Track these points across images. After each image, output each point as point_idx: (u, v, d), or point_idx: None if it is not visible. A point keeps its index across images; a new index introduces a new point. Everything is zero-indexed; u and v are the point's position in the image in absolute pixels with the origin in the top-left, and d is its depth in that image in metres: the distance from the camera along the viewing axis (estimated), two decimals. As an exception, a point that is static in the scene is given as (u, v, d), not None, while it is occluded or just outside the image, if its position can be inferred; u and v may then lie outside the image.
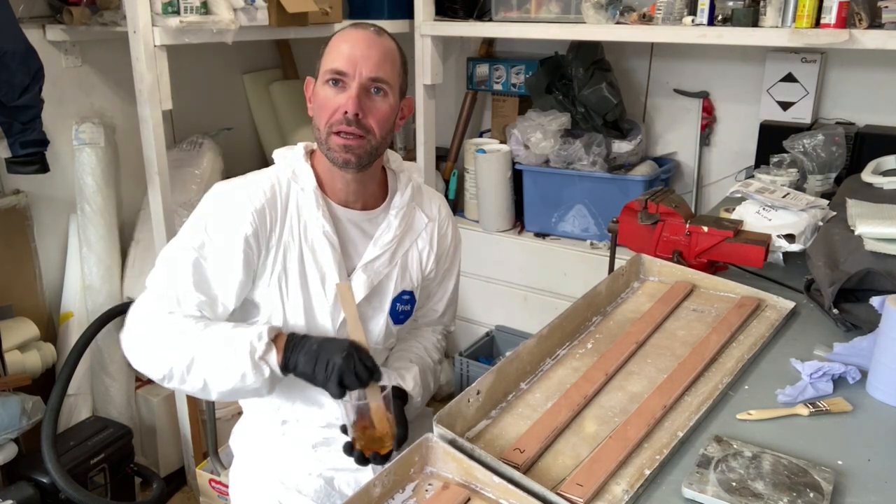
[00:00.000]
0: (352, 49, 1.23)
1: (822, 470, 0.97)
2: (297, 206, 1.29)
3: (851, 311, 1.37)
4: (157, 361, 1.22)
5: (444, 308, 1.54)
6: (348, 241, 1.33)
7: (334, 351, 1.17)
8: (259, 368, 1.18)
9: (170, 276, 1.25)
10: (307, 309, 1.30)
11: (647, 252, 1.61)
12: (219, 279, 1.24)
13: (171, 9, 2.01)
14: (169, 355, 1.21)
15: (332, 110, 1.24)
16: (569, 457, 1.03)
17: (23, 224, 2.32)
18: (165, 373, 1.21)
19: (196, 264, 1.24)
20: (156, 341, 1.22)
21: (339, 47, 1.25)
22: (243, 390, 1.21)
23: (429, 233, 1.42)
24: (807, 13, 2.00)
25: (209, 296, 1.25)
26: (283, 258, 1.28)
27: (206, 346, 1.20)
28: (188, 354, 1.20)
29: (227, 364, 1.19)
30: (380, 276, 1.35)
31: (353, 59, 1.23)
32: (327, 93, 1.24)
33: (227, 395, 1.23)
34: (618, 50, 2.82)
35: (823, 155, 2.12)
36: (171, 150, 2.58)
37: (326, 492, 1.40)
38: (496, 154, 2.86)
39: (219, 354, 1.19)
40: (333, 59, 1.24)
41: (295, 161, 1.33)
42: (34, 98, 1.94)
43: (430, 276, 1.45)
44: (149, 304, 1.25)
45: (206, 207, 1.28)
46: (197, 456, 2.52)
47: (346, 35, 1.26)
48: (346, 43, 1.25)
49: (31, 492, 2.08)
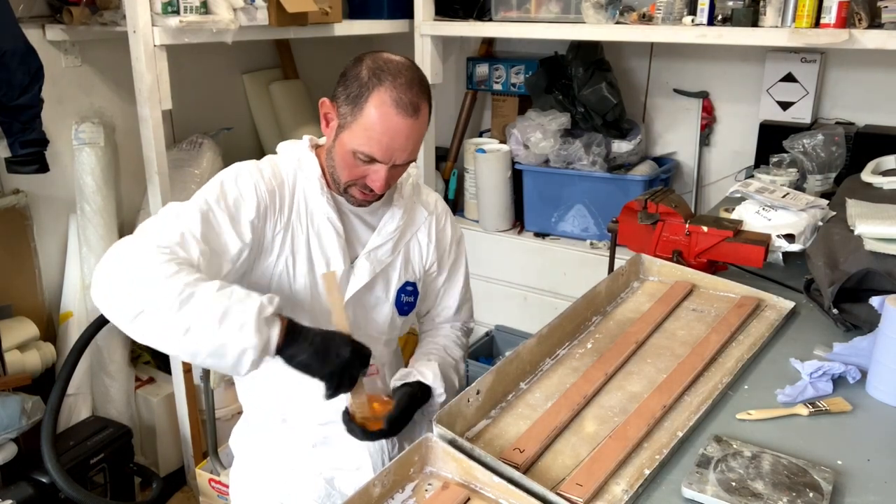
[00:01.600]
0: (390, 140, 1.20)
1: (821, 470, 0.97)
2: (303, 193, 1.31)
3: (851, 310, 1.37)
4: (137, 294, 1.06)
5: (457, 305, 1.53)
6: (351, 230, 1.35)
7: (340, 345, 1.14)
8: (260, 329, 1.06)
9: (176, 219, 1.16)
10: (313, 292, 1.32)
11: (646, 252, 1.61)
12: (226, 235, 1.20)
13: (170, 8, 2.01)
14: (156, 290, 1.05)
15: (358, 176, 1.25)
16: (568, 456, 1.03)
17: (22, 224, 2.32)
18: (145, 307, 1.05)
19: (205, 216, 1.17)
20: (143, 273, 1.07)
21: (377, 130, 1.19)
22: (229, 348, 1.06)
23: (428, 226, 1.44)
24: (806, 13, 2.00)
25: (211, 248, 1.16)
26: (292, 241, 1.29)
27: (207, 291, 1.07)
28: (182, 293, 1.05)
29: (228, 314, 1.06)
30: (382, 264, 1.37)
31: (389, 151, 1.21)
32: (356, 160, 1.23)
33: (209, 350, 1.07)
34: (617, 50, 2.82)
35: (823, 155, 2.12)
36: (171, 150, 2.57)
37: (326, 491, 1.41)
38: (496, 154, 2.86)
39: (220, 302, 1.07)
40: (369, 142, 1.20)
41: (300, 152, 1.35)
42: (34, 98, 1.94)
43: (432, 270, 1.47)
44: (141, 240, 1.12)
45: (223, 173, 1.26)
46: (197, 456, 2.52)
47: (387, 117, 1.19)
48: (386, 131, 1.19)
49: (31, 491, 2.08)
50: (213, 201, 1.20)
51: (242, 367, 1.08)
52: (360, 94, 1.20)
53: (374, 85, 1.19)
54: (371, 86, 1.19)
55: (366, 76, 1.20)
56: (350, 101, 1.21)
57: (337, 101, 1.24)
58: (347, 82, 1.22)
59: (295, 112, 3.06)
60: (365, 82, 1.20)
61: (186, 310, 1.05)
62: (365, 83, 1.20)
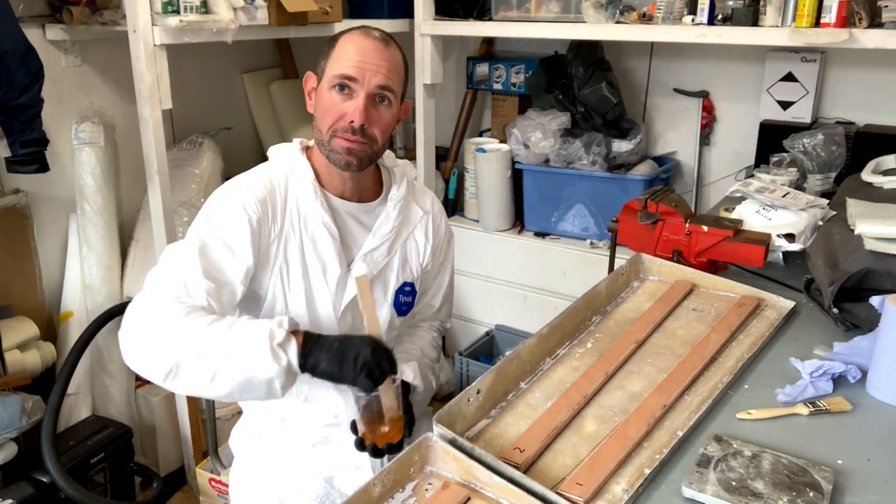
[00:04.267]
0: (362, 57, 1.24)
1: (821, 469, 0.97)
2: (296, 198, 1.31)
3: (851, 310, 1.37)
4: (161, 355, 1.11)
5: (440, 303, 1.55)
6: (347, 233, 1.35)
7: (360, 346, 1.14)
8: (277, 356, 1.10)
9: (176, 267, 1.19)
10: (308, 299, 1.31)
11: (646, 251, 1.61)
12: (226, 263, 1.21)
13: (170, 8, 2.01)
14: (176, 346, 1.10)
15: (338, 116, 1.26)
16: (569, 456, 1.03)
17: (23, 223, 2.32)
18: (172, 366, 1.10)
19: (202, 252, 1.20)
20: (161, 333, 1.12)
21: (348, 53, 1.25)
22: (256, 382, 1.11)
23: (424, 225, 1.45)
24: (807, 12, 2.00)
25: (216, 281, 1.19)
26: (285, 249, 1.29)
27: (220, 334, 1.11)
28: (198, 343, 1.10)
29: (243, 351, 1.10)
30: (379, 266, 1.37)
31: (362, 68, 1.24)
32: (333, 98, 1.25)
33: (238, 388, 1.12)
34: (618, 49, 2.82)
35: (823, 154, 2.12)
36: (171, 150, 2.58)
37: (326, 491, 1.41)
38: (496, 153, 2.85)
39: (234, 341, 1.11)
40: (343, 64, 1.24)
41: (292, 155, 1.35)
42: (34, 97, 1.94)
43: (427, 269, 1.47)
44: (150, 298, 1.17)
45: (208, 205, 1.28)
46: (197, 455, 2.52)
47: (356, 41, 1.26)
48: (357, 50, 1.24)
49: (31, 491, 2.08)
50: (206, 236, 1.22)
51: (278, 393, 1.13)
52: (333, 42, 1.29)
53: (344, 33, 1.29)
54: (342, 34, 1.29)
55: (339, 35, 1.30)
56: (325, 54, 1.29)
57: (316, 71, 1.31)
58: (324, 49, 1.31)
59: (295, 112, 3.06)
60: (337, 35, 1.30)
61: (206, 359, 1.10)
62: (337, 36, 1.30)
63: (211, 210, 1.26)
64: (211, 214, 1.25)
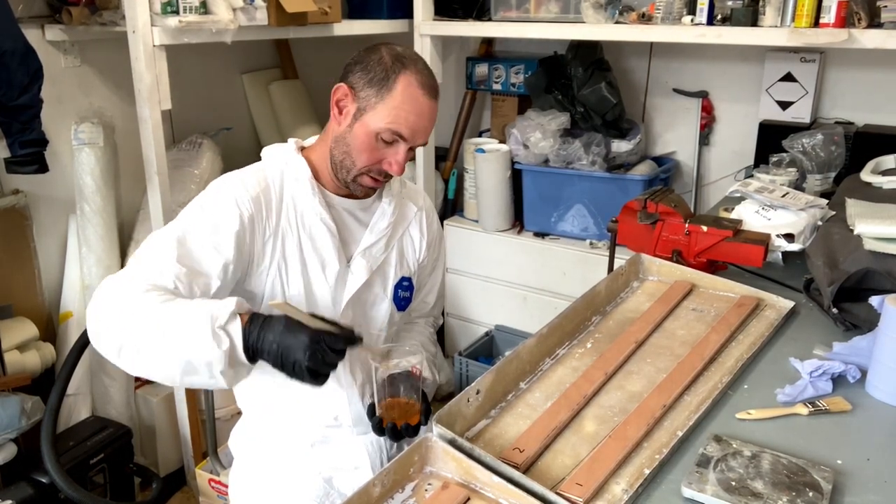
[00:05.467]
0: (417, 119, 1.25)
1: (821, 469, 0.97)
2: (292, 195, 1.31)
3: (851, 310, 1.37)
4: (112, 332, 1.09)
5: (434, 300, 1.59)
6: (344, 229, 1.36)
7: (296, 349, 1.06)
8: (218, 338, 1.05)
9: (151, 250, 1.18)
10: (308, 295, 1.32)
11: (646, 251, 1.61)
12: (204, 253, 1.19)
13: (170, 9, 2.01)
14: (126, 323, 1.08)
15: (377, 160, 1.27)
16: (568, 456, 1.03)
17: (22, 224, 2.32)
18: (122, 343, 1.08)
19: (182, 239, 1.18)
20: (116, 310, 1.10)
21: (406, 111, 1.23)
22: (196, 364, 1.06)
23: (418, 221, 1.47)
24: (806, 12, 2.00)
25: (190, 269, 1.16)
26: (282, 246, 1.29)
27: (167, 313, 1.07)
28: (146, 321, 1.06)
29: (185, 331, 1.05)
30: (377, 261, 1.38)
31: (415, 130, 1.25)
32: (378, 143, 1.26)
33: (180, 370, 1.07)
34: (617, 49, 2.82)
35: (822, 154, 2.13)
36: (171, 150, 2.58)
37: (325, 490, 1.41)
38: (495, 154, 2.85)
39: (178, 321, 1.06)
40: (398, 121, 1.23)
41: (287, 154, 1.35)
42: (33, 98, 1.94)
43: (423, 264, 1.49)
44: (117, 277, 1.15)
45: (201, 195, 1.28)
46: (196, 456, 2.52)
47: (416, 97, 1.24)
48: (415, 110, 1.24)
49: (31, 492, 2.08)
50: (192, 222, 1.22)
51: (220, 380, 1.07)
52: (387, 76, 1.23)
53: (399, 68, 1.24)
54: (397, 69, 1.24)
55: (389, 61, 1.24)
56: (375, 84, 1.24)
57: (355, 87, 1.26)
58: (368, 67, 1.25)
59: (294, 112, 3.06)
60: (390, 66, 1.24)
61: (150, 337, 1.06)
62: (390, 66, 1.24)
63: (205, 196, 1.26)
64: (203, 201, 1.25)
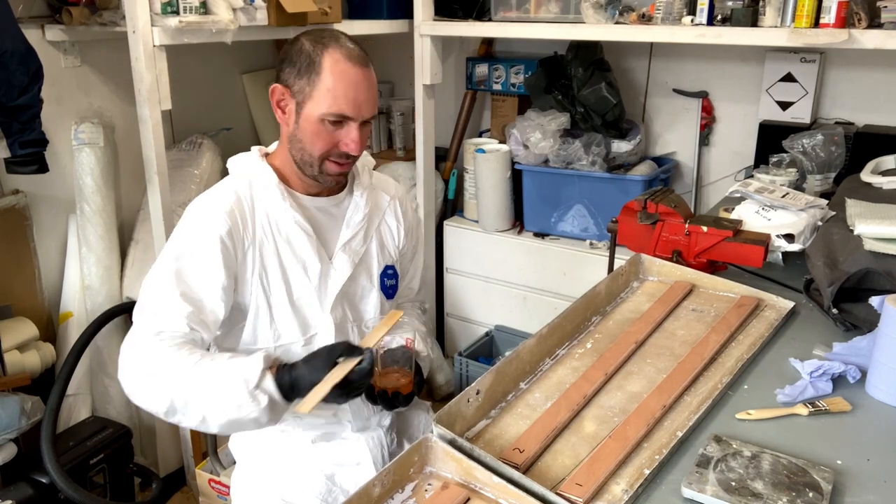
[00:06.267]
0: (355, 93, 1.24)
1: (821, 469, 0.97)
2: (263, 204, 1.32)
3: (851, 310, 1.37)
4: (155, 397, 1.18)
5: (419, 285, 1.62)
6: (320, 228, 1.37)
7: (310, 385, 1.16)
8: (255, 398, 1.15)
9: (155, 294, 1.23)
10: (293, 302, 1.33)
11: (646, 252, 1.61)
12: (202, 282, 1.24)
13: (170, 9, 2.01)
14: (165, 391, 1.17)
15: (332, 145, 1.28)
16: (568, 456, 1.03)
17: (22, 224, 2.32)
18: (167, 408, 1.18)
19: (177, 274, 1.23)
20: (151, 377, 1.18)
21: (340, 89, 1.23)
22: (243, 423, 1.18)
23: (393, 210, 1.49)
24: (806, 13, 2.00)
25: (195, 304, 1.23)
26: (261, 255, 1.31)
27: (202, 379, 1.16)
28: (184, 389, 1.16)
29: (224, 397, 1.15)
30: (358, 254, 1.40)
31: (357, 104, 1.24)
32: (326, 127, 1.26)
33: (228, 427, 1.20)
34: (617, 50, 2.82)
35: (823, 155, 2.13)
36: (171, 150, 2.58)
37: (327, 487, 1.41)
38: (495, 154, 2.85)
39: (215, 388, 1.16)
40: (337, 102, 1.23)
41: (252, 163, 1.36)
42: (33, 98, 1.94)
43: (404, 251, 1.52)
44: (137, 338, 1.22)
45: (179, 225, 1.30)
46: (196, 456, 2.52)
47: (344, 72, 1.24)
48: (349, 85, 1.24)
49: (31, 492, 2.08)
50: (180, 255, 1.24)
51: (269, 424, 1.19)
52: (312, 61, 1.24)
53: (321, 49, 1.24)
54: (319, 51, 1.24)
55: (310, 46, 1.25)
56: (304, 74, 1.25)
57: (287, 83, 1.27)
58: (293, 59, 1.26)
59: (294, 112, 3.05)
60: (312, 50, 1.24)
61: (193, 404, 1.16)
62: (312, 51, 1.24)
63: (182, 230, 1.28)
64: (182, 232, 1.28)
